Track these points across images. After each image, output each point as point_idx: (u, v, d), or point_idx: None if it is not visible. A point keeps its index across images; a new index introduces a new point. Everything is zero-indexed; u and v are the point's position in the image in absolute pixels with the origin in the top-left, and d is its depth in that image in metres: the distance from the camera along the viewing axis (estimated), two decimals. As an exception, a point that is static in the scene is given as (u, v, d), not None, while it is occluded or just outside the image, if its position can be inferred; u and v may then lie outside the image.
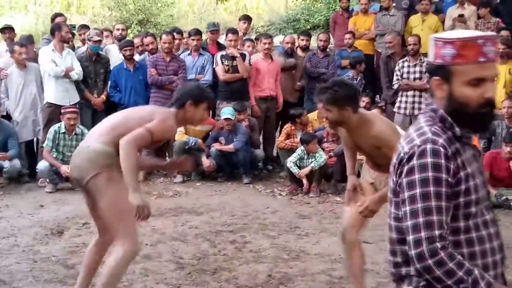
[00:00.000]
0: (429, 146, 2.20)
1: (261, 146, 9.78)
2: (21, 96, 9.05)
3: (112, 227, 4.19)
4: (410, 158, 2.22)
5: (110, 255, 4.22)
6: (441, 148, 2.19)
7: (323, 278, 5.32)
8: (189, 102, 4.39)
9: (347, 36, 10.67)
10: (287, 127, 9.28)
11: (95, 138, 4.27)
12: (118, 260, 4.12)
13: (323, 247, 6.17)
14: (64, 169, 8.26)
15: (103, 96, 9.34)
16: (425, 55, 9.93)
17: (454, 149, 2.22)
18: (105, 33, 10.26)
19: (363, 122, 4.16)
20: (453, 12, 10.77)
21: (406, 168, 2.23)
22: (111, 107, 9.42)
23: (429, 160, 2.19)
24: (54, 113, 8.81)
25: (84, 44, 9.99)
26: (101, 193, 4.12)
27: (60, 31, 9.02)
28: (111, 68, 9.50)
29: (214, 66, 9.56)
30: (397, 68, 9.53)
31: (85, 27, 10.71)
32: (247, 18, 11.09)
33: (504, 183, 8.09)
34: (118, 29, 10.43)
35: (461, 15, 10.51)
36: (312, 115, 9.53)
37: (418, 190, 2.19)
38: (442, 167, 2.18)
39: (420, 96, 9.42)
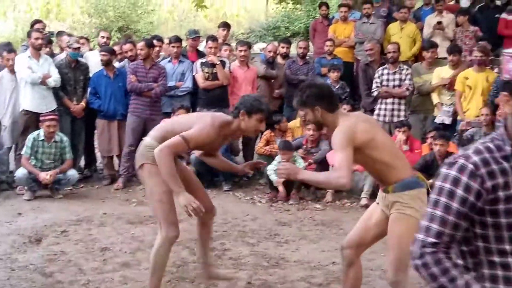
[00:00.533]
0: (461, 161, 2.20)
1: (241, 153, 9.80)
2: (10, 101, 8.97)
3: (154, 215, 4.83)
4: (445, 165, 2.25)
5: (154, 245, 4.72)
6: (469, 166, 2.18)
7: (302, 285, 5.34)
8: (242, 111, 4.56)
9: (328, 43, 10.73)
10: (267, 133, 9.29)
11: (149, 134, 4.81)
12: (158, 248, 4.66)
13: (302, 254, 6.18)
14: (43, 176, 8.23)
15: (83, 103, 9.26)
16: (404, 62, 10.05)
17: (497, 169, 2.18)
18: (81, 41, 10.11)
19: (337, 124, 4.08)
20: (431, 20, 10.87)
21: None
22: (90, 114, 9.41)
23: (452, 173, 2.20)
24: (30, 120, 8.75)
25: (62, 50, 9.92)
26: (144, 183, 4.84)
27: (30, 37, 8.99)
28: (91, 75, 9.45)
29: (194, 73, 9.56)
30: (376, 75, 9.60)
31: (62, 33, 10.62)
32: (226, 25, 11.11)
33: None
34: (103, 37, 10.31)
35: (439, 23, 10.61)
36: (294, 123, 9.57)
37: (433, 196, 2.24)
38: (461, 184, 2.18)
39: (399, 104, 9.51)
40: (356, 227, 4.42)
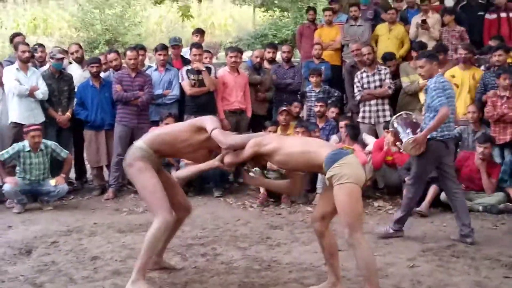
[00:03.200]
0: None
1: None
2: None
3: (147, 206, 5.32)
4: None
5: (150, 229, 5.01)
6: None
7: (294, 286, 5.31)
8: None
9: (316, 47, 10.80)
10: (257, 139, 9.24)
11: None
12: (154, 231, 4.96)
13: (294, 256, 6.16)
14: (9, 180, 8.26)
15: (68, 114, 9.24)
16: (390, 59, 9.98)
17: None
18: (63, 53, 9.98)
19: None
20: (417, 20, 10.87)
21: None
22: (78, 125, 9.38)
23: None
24: (19, 133, 8.69)
25: (40, 63, 9.81)
26: (134, 181, 5.23)
27: (17, 50, 9.00)
28: (76, 86, 9.44)
29: (180, 80, 9.55)
30: (356, 80, 9.60)
31: (41, 45, 10.48)
32: (199, 32, 11.11)
33: (474, 185, 8.17)
34: (72, 53, 10.01)
35: (423, 21, 10.61)
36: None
37: None
38: None
39: (383, 104, 9.51)
40: (318, 204, 5.19)
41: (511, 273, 5.55)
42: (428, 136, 6.46)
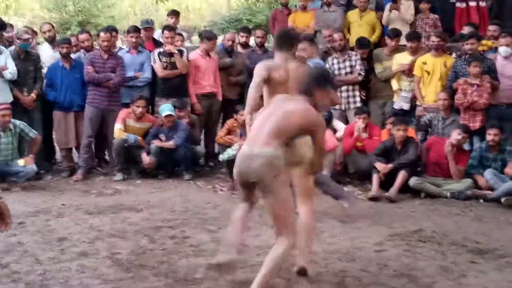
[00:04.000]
0: None
1: (202, 143, 9.77)
2: None
3: (277, 221, 4.55)
4: None
5: (278, 248, 4.48)
6: None
7: (262, 269, 5.30)
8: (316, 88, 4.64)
9: (290, 32, 10.72)
10: (230, 122, 9.16)
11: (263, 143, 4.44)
12: (282, 254, 4.48)
13: (263, 239, 6.15)
14: None
15: (33, 95, 9.03)
16: (366, 46, 9.98)
17: None
18: (29, 31, 9.74)
19: None
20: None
21: None
22: (47, 105, 9.28)
23: None
24: (-15, 113, 8.57)
25: (9, 43, 9.61)
26: (273, 193, 4.43)
27: None
28: (47, 67, 9.34)
29: (152, 63, 9.49)
30: (327, 66, 9.58)
31: (10, 25, 10.32)
32: (175, 13, 11.06)
33: (441, 170, 8.24)
34: (44, 32, 9.90)
35: (394, 1, 10.63)
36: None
37: None
38: None
39: (353, 90, 9.56)
40: None
41: (477, 258, 5.60)
42: None
